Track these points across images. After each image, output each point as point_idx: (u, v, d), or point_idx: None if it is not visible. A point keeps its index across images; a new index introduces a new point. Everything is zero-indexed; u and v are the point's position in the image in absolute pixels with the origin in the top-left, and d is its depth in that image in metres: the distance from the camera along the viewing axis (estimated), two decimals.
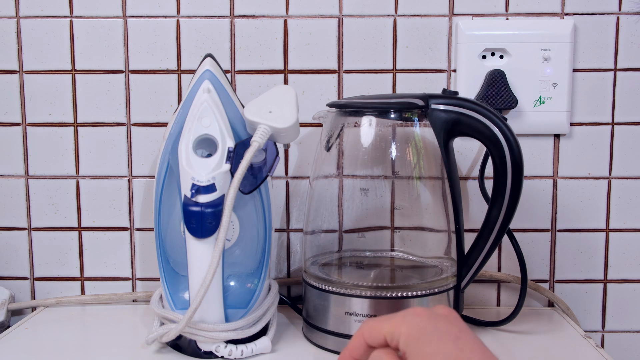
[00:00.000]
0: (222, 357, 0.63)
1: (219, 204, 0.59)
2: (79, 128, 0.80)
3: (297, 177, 0.80)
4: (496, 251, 0.77)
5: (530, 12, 0.77)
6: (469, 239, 0.67)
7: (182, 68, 0.79)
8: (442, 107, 0.63)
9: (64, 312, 0.79)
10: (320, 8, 0.78)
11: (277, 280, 0.78)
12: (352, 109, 0.68)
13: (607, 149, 0.79)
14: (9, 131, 0.80)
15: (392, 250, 0.77)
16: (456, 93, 0.64)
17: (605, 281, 0.81)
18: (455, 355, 0.38)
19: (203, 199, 0.59)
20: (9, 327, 0.77)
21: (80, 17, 0.78)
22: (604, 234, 0.80)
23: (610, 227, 0.80)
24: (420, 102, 0.64)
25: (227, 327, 0.62)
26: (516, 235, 0.75)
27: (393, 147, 0.70)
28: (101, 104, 0.79)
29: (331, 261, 0.74)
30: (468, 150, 0.79)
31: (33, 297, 0.82)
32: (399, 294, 0.63)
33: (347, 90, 0.79)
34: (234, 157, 0.60)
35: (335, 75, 0.79)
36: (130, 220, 0.81)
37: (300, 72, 0.79)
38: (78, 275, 0.82)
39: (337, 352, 0.65)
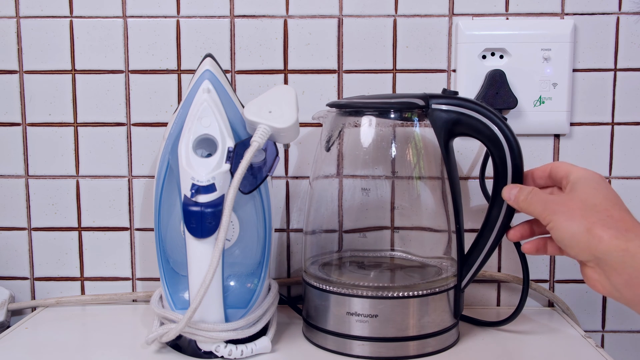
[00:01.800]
0: (222, 357, 0.63)
1: (218, 204, 0.59)
2: (79, 128, 0.80)
3: (297, 177, 0.80)
4: (496, 251, 0.77)
5: (530, 12, 0.77)
6: (469, 239, 0.67)
7: (182, 68, 0.79)
8: (442, 107, 0.63)
9: (64, 312, 0.79)
10: (320, 8, 0.78)
11: (277, 280, 0.78)
12: (352, 109, 0.68)
13: (607, 149, 0.79)
14: (9, 131, 0.80)
15: (392, 250, 0.77)
16: (456, 93, 0.64)
17: None
18: (613, 197, 0.53)
19: (203, 199, 0.59)
20: (9, 327, 0.77)
21: (80, 17, 0.78)
22: None
23: None
24: (421, 102, 0.63)
25: (227, 327, 0.62)
26: None
27: (393, 147, 0.70)
28: (101, 104, 0.79)
29: (331, 261, 0.74)
30: (468, 150, 0.79)
31: (33, 297, 0.82)
32: (399, 294, 0.63)
33: (347, 90, 0.79)
34: (234, 157, 0.60)
35: (335, 75, 0.78)
36: (130, 220, 0.81)
37: (300, 72, 0.79)
38: (78, 275, 0.82)
39: (337, 352, 0.65)
